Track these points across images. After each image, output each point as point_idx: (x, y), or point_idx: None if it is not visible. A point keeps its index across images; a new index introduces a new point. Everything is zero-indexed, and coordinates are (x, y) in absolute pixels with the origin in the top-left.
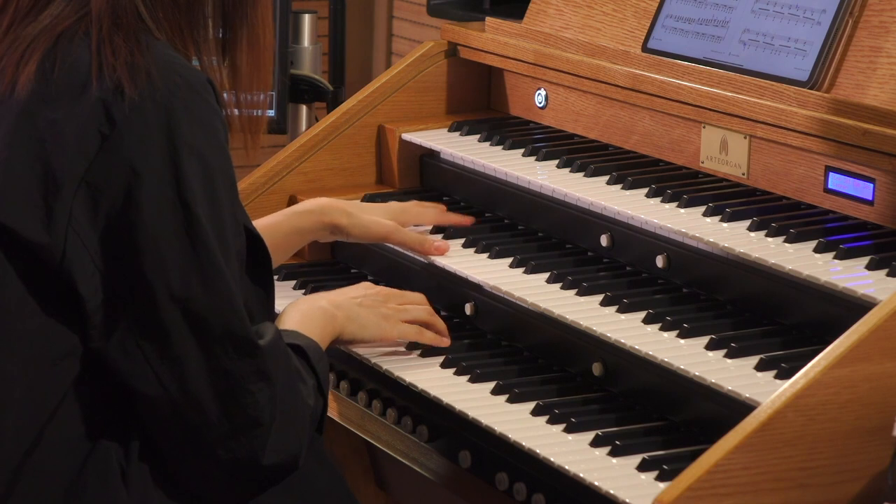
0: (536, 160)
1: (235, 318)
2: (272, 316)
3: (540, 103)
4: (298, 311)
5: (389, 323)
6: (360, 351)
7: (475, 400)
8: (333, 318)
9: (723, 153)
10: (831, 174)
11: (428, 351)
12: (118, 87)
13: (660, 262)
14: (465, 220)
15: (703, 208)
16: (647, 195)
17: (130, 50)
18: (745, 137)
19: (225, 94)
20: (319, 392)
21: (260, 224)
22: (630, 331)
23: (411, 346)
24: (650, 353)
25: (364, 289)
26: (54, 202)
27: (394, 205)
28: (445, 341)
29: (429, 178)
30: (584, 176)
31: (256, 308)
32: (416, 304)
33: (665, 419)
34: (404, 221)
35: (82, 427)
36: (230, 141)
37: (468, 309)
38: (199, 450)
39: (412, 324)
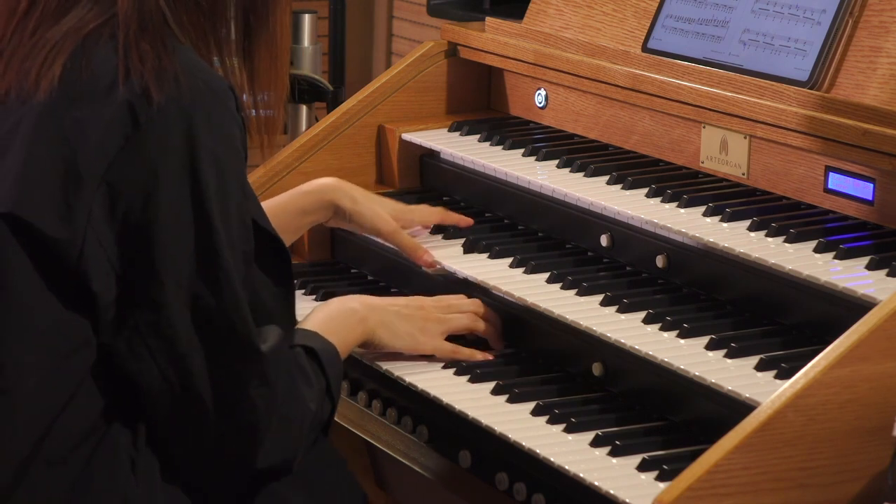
0: (536, 160)
1: (240, 320)
2: (293, 314)
3: (540, 103)
4: (325, 311)
5: (425, 336)
6: (361, 351)
7: (475, 400)
8: (363, 321)
9: (723, 153)
10: (831, 174)
11: None
12: (145, 90)
13: (660, 262)
14: (466, 220)
15: (703, 208)
16: (647, 195)
17: (158, 55)
18: (745, 137)
19: (244, 96)
20: (328, 396)
21: (266, 205)
22: (630, 331)
23: None
24: (650, 353)
25: (410, 299)
26: (75, 200)
27: (397, 205)
28: (482, 356)
29: (429, 178)
30: (584, 176)
31: (278, 308)
32: (462, 311)
33: (665, 419)
34: (409, 221)
35: (92, 417)
36: (247, 141)
37: None
38: (196, 446)
39: (454, 332)
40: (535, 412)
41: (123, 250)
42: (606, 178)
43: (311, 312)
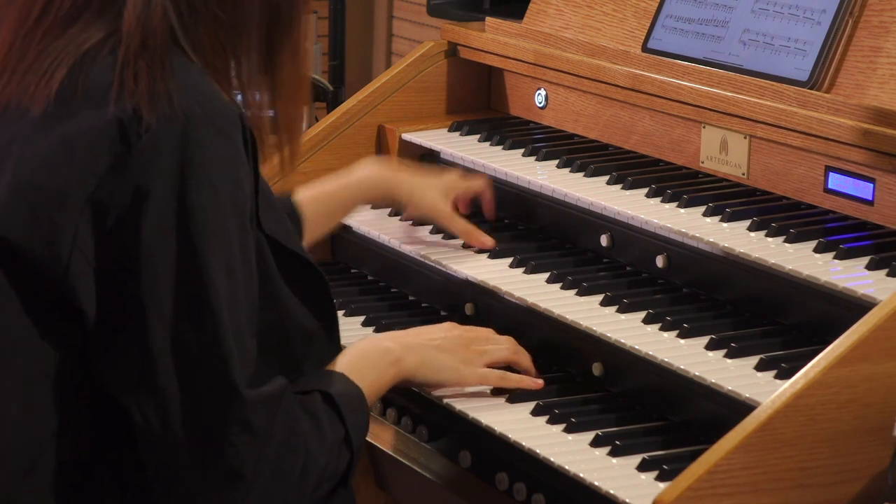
0: (536, 160)
1: (221, 359)
2: (337, 346)
3: (540, 103)
4: (356, 350)
5: (469, 368)
6: None
7: (475, 399)
8: (398, 361)
9: (723, 153)
10: (831, 174)
11: None
12: (136, 110)
13: (660, 262)
14: (491, 209)
15: (703, 208)
16: (647, 195)
17: (153, 75)
18: (745, 137)
19: (266, 111)
20: (346, 445)
21: (318, 190)
22: (630, 331)
23: None
24: (650, 353)
25: (446, 330)
26: (60, 218)
27: (446, 181)
28: (534, 383)
29: None
30: (584, 176)
31: (320, 342)
32: (499, 345)
33: (665, 419)
34: (455, 198)
35: (82, 450)
36: (266, 158)
37: (468, 309)
38: (179, 495)
39: (495, 364)
40: (535, 412)
41: (109, 271)
42: (606, 178)
43: (343, 352)
